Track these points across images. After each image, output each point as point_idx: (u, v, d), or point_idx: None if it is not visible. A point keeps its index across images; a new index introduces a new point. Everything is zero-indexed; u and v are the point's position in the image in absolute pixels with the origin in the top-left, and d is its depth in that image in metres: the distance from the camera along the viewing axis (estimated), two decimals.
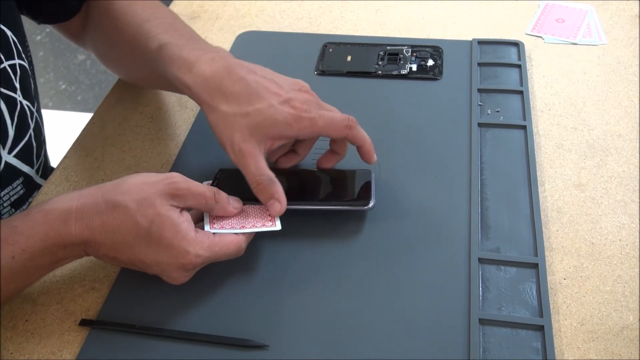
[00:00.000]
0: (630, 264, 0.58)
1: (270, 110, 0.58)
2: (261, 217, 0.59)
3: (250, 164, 0.57)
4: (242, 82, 0.59)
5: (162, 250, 0.53)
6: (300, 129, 0.58)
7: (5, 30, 0.67)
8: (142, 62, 0.68)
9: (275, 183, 0.58)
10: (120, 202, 0.53)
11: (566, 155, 0.69)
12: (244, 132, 0.57)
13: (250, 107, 0.58)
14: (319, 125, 0.59)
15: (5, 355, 0.54)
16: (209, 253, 0.54)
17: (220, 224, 0.57)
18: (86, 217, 0.53)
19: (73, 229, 0.53)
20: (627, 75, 0.79)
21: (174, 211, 0.53)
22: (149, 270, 0.55)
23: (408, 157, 0.69)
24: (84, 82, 2.26)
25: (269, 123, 0.58)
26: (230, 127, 0.58)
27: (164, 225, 0.52)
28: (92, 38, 0.77)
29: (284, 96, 0.59)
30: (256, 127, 0.58)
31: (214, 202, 0.56)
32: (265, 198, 0.58)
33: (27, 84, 0.72)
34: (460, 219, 0.62)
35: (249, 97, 0.58)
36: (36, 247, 0.52)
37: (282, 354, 0.52)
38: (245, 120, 0.58)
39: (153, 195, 0.53)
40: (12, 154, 0.68)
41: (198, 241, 0.53)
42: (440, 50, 0.83)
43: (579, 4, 0.92)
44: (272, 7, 0.95)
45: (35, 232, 0.53)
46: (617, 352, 0.52)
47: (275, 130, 0.58)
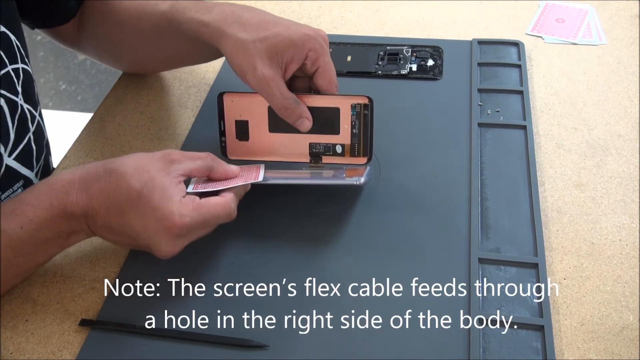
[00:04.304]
0: (630, 264, 0.58)
1: (286, 31, 0.61)
2: (244, 177, 0.60)
3: (274, 88, 0.60)
4: (260, 15, 0.63)
5: (149, 213, 0.53)
6: (310, 48, 0.61)
7: (9, 34, 0.67)
8: (149, 34, 0.71)
9: (300, 103, 0.62)
10: (118, 168, 0.55)
11: (566, 155, 0.69)
12: (264, 58, 0.60)
13: (268, 32, 0.61)
14: (326, 59, 0.62)
15: (5, 355, 0.54)
16: (194, 214, 0.54)
17: (203, 185, 0.58)
18: (87, 185, 0.55)
19: (74, 197, 0.54)
20: (627, 75, 0.79)
21: (169, 178, 0.54)
22: (140, 241, 0.55)
23: (408, 157, 0.69)
24: (84, 82, 2.26)
25: (285, 44, 0.60)
26: (250, 54, 0.60)
27: (154, 188, 0.53)
28: (92, 38, 0.77)
29: (304, 24, 0.63)
30: (274, 49, 0.60)
31: (210, 160, 0.58)
32: (294, 119, 0.62)
33: (30, 88, 0.72)
34: (460, 219, 0.62)
35: (267, 24, 0.62)
36: (42, 217, 0.54)
37: (282, 354, 0.52)
38: (263, 44, 0.60)
39: (150, 162, 0.55)
40: (12, 157, 0.69)
41: (183, 203, 0.54)
42: (440, 50, 0.83)
43: (579, 4, 0.92)
44: (272, 7, 0.95)
45: (41, 201, 0.54)
46: (617, 352, 0.52)
47: (290, 52, 0.61)
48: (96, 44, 0.79)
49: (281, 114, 0.62)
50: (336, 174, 0.62)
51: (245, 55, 0.61)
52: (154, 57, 0.79)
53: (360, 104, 0.63)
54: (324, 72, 0.63)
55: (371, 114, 0.64)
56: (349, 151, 0.65)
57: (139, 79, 0.83)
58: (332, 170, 0.64)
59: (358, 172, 0.62)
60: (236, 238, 0.61)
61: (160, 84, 0.82)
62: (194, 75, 0.83)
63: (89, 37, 0.78)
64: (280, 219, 0.63)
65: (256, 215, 0.63)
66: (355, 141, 0.64)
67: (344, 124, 0.64)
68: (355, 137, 0.64)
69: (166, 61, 0.80)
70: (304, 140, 0.65)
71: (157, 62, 0.81)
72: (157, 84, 0.82)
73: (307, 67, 0.63)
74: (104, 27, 0.76)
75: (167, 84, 0.82)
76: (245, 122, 0.66)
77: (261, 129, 0.66)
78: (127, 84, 0.83)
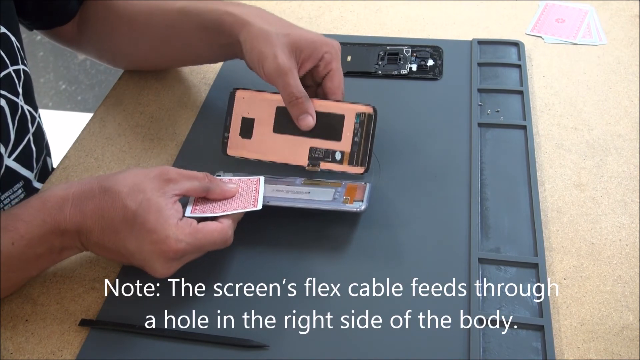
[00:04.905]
0: (630, 264, 0.58)
1: (307, 33, 0.66)
2: (243, 201, 0.59)
3: (290, 78, 0.63)
4: (281, 19, 0.68)
5: (144, 235, 0.52)
6: (327, 51, 0.65)
7: (9, 35, 0.67)
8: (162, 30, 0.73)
9: (309, 100, 0.64)
10: (113, 187, 0.54)
11: (566, 155, 0.69)
12: (285, 50, 0.63)
13: (290, 30, 0.65)
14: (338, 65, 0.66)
15: (5, 355, 0.54)
16: (190, 239, 0.53)
17: (202, 208, 0.57)
18: (81, 202, 0.54)
19: (67, 214, 0.53)
20: (627, 75, 0.79)
21: (164, 198, 0.54)
22: (134, 260, 0.54)
23: (408, 157, 0.69)
24: (84, 82, 2.26)
25: (305, 42, 0.64)
26: (272, 42, 0.63)
27: (149, 209, 0.52)
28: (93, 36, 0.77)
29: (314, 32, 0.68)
30: (295, 44, 0.64)
31: (207, 181, 0.57)
32: (299, 113, 0.64)
33: (30, 89, 0.72)
34: (460, 219, 0.62)
35: (289, 25, 0.67)
36: (34, 234, 0.53)
37: (282, 354, 0.52)
38: (286, 39, 0.64)
39: (145, 181, 0.54)
40: (12, 158, 0.69)
41: (180, 227, 0.53)
42: (440, 50, 0.83)
43: (579, 4, 0.92)
44: (272, 7, 0.95)
45: (33, 218, 0.53)
46: (617, 352, 0.52)
47: (309, 50, 0.64)
48: (97, 42, 0.79)
49: (289, 105, 0.64)
50: (336, 196, 0.61)
51: (267, 42, 0.63)
52: (160, 53, 0.78)
53: (365, 113, 0.65)
54: (333, 75, 0.66)
55: (374, 125, 0.64)
56: (348, 159, 0.65)
57: (139, 79, 0.83)
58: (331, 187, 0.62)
59: (359, 193, 0.61)
60: (236, 238, 0.61)
61: (160, 84, 0.82)
62: (194, 75, 0.83)
63: (90, 36, 0.78)
64: (280, 219, 0.63)
65: (256, 215, 0.63)
66: (355, 149, 0.65)
67: (347, 132, 0.65)
68: (355, 145, 0.65)
69: (172, 58, 0.80)
70: (305, 143, 0.66)
71: (162, 59, 0.80)
72: (157, 84, 0.82)
73: (319, 68, 0.66)
74: (108, 24, 0.76)
75: (167, 84, 0.82)
76: (252, 120, 0.67)
77: (265, 129, 0.67)
78: (127, 84, 0.82)
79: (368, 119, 0.65)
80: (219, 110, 0.77)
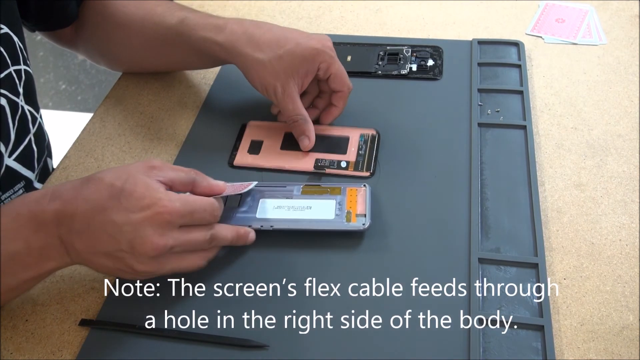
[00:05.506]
0: (630, 264, 0.58)
1: (298, 48, 0.66)
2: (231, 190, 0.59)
3: (289, 104, 0.67)
4: (270, 31, 0.68)
5: (134, 203, 0.50)
6: (321, 61, 0.67)
7: (12, 35, 0.67)
8: (154, 42, 0.74)
9: (308, 122, 0.68)
10: (95, 175, 0.53)
11: (566, 155, 0.69)
12: (282, 77, 0.66)
13: (282, 50, 0.66)
14: (336, 65, 0.68)
15: (5, 355, 0.54)
16: (183, 200, 0.52)
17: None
18: (60, 193, 0.52)
19: (45, 205, 0.52)
20: (627, 75, 0.79)
21: (149, 178, 0.52)
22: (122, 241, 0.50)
23: (408, 157, 0.69)
24: (84, 82, 2.26)
25: (298, 61, 0.66)
26: (269, 74, 0.66)
27: (136, 182, 0.51)
28: (89, 39, 0.78)
29: (309, 35, 0.69)
30: (290, 68, 0.66)
31: (194, 173, 0.56)
32: (298, 133, 0.69)
33: (31, 90, 0.72)
34: (460, 219, 0.62)
35: (278, 42, 0.67)
36: (8, 227, 0.51)
37: (282, 354, 0.52)
38: (280, 64, 0.66)
39: (129, 166, 0.54)
40: (12, 158, 0.69)
41: (169, 193, 0.52)
42: (440, 50, 0.83)
43: (579, 4, 0.92)
44: (272, 7, 0.95)
45: (9, 211, 0.52)
46: (617, 352, 0.52)
47: (304, 68, 0.67)
48: (93, 45, 0.79)
49: (290, 127, 0.69)
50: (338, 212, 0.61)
51: (264, 75, 0.67)
52: (155, 61, 0.79)
53: (369, 134, 0.70)
54: (336, 77, 0.69)
55: (378, 143, 0.70)
56: (353, 166, 0.68)
57: (139, 79, 0.83)
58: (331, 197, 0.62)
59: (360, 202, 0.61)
60: None
61: (160, 84, 0.82)
62: (194, 75, 0.83)
63: (86, 38, 0.78)
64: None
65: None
66: (360, 159, 0.68)
67: (352, 147, 0.69)
68: (360, 156, 0.68)
69: (167, 66, 0.81)
70: (311, 156, 0.69)
71: (157, 66, 0.81)
72: (157, 84, 0.82)
73: (320, 75, 0.69)
74: (103, 28, 0.76)
75: (167, 84, 0.82)
76: (260, 142, 0.71)
77: (273, 147, 0.70)
78: (127, 84, 0.83)
79: (372, 138, 0.70)
80: (219, 110, 0.77)
